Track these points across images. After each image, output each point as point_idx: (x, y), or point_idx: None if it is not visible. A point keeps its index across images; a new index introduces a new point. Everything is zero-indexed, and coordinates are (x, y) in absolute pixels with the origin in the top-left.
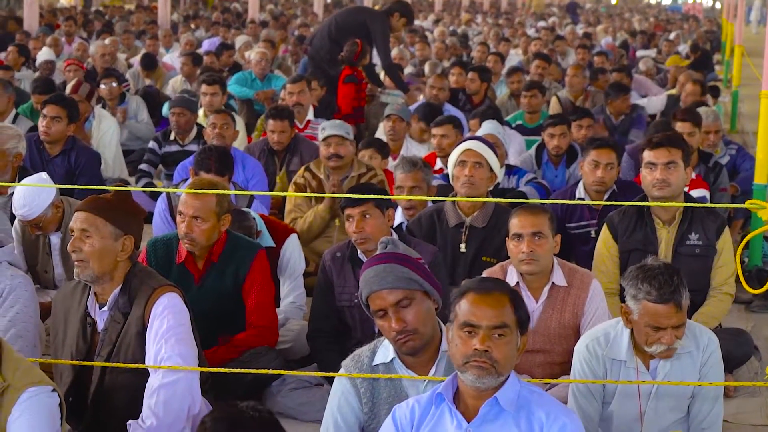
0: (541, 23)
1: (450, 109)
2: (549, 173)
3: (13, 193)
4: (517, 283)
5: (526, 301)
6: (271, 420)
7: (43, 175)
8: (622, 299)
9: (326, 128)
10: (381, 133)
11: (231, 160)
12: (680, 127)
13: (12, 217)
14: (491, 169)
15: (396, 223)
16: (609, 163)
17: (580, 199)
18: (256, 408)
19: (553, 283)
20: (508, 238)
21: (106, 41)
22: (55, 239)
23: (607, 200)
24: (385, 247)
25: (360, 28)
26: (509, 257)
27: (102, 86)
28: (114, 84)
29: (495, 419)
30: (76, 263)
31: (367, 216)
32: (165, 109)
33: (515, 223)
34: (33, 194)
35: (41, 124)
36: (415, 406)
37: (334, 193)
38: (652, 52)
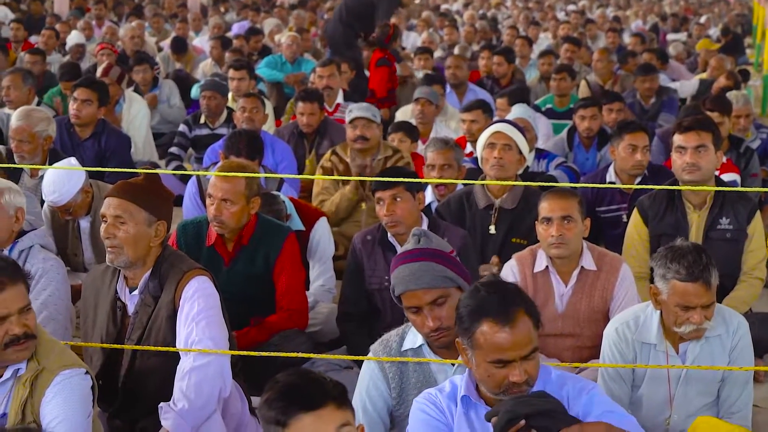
0: (571, 7)
1: (477, 91)
2: (580, 156)
3: (43, 175)
4: (547, 267)
5: (555, 285)
6: (340, 383)
7: (72, 160)
8: (653, 283)
9: (353, 110)
10: (400, 116)
11: (261, 144)
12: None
13: (42, 201)
14: (520, 152)
15: (426, 202)
16: (645, 145)
17: (610, 182)
18: (325, 375)
19: (582, 267)
20: (538, 222)
21: (133, 24)
22: (84, 223)
23: (638, 184)
24: (418, 241)
25: (369, 8)
26: (539, 239)
27: (136, 72)
28: (147, 70)
29: None
30: (109, 249)
31: (398, 199)
32: (194, 91)
33: (545, 207)
34: (62, 181)
35: (72, 107)
36: (439, 396)
37: (361, 175)
38: (682, 36)
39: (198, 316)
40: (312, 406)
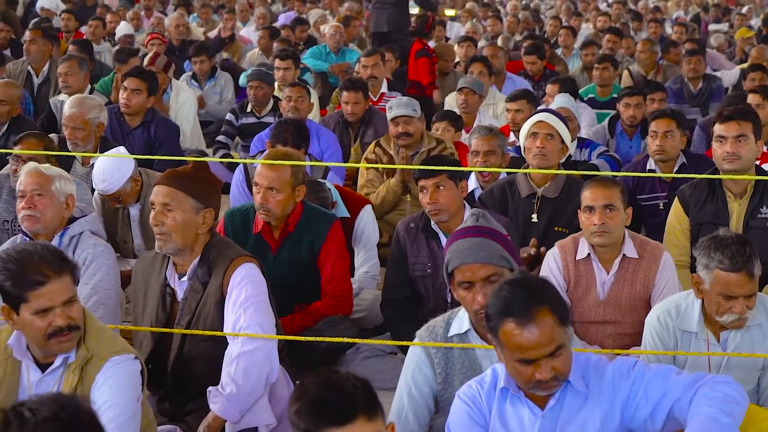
0: None
1: (515, 79)
2: (623, 144)
3: (94, 163)
4: (589, 254)
5: (597, 272)
6: (370, 387)
7: (122, 149)
8: (693, 272)
9: (393, 108)
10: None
11: (307, 133)
12: (751, 98)
13: (93, 188)
14: (562, 141)
15: (469, 189)
16: (667, 131)
17: (651, 170)
18: (355, 376)
19: (624, 255)
20: (580, 211)
21: (175, 13)
22: (134, 211)
23: (677, 173)
24: (477, 220)
25: None
26: (581, 227)
27: (194, 63)
28: (205, 60)
29: (571, 402)
30: (157, 236)
31: (441, 187)
32: (242, 80)
33: (587, 196)
34: (112, 170)
35: (122, 96)
36: (480, 392)
37: (405, 170)
38: (724, 26)
39: (246, 302)
40: (342, 421)
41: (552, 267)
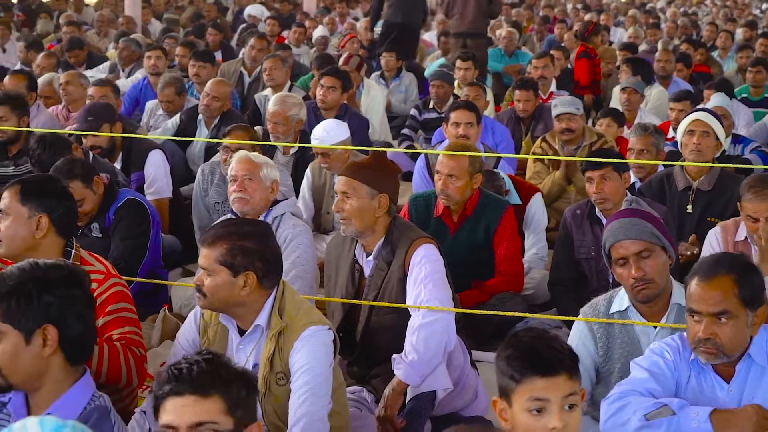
0: (766, 5)
1: (680, 82)
2: None
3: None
4: (746, 237)
5: (754, 253)
6: (577, 356)
7: (340, 122)
8: None
9: (558, 106)
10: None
11: (480, 116)
12: None
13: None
14: (717, 138)
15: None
16: None
17: None
18: (563, 341)
19: None
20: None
21: (365, 19)
22: None
23: None
24: (630, 204)
25: None
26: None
27: (383, 57)
28: (391, 57)
29: (753, 375)
30: (341, 221)
31: (606, 178)
32: (428, 71)
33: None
34: (331, 128)
35: (318, 92)
36: (679, 350)
37: (568, 164)
38: None
39: (426, 279)
40: (548, 372)
41: (713, 244)
